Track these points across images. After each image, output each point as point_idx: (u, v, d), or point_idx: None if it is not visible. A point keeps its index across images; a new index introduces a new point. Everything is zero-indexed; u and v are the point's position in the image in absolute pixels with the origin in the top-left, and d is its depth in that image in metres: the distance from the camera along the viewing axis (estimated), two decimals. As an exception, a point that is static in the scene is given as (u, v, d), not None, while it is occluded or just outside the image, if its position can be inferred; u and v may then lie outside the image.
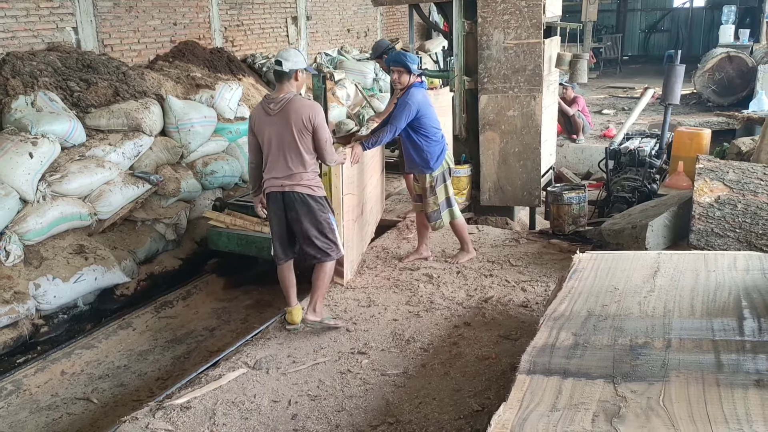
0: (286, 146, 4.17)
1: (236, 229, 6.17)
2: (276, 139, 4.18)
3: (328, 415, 3.47)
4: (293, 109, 4.14)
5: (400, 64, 5.10)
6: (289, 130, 4.14)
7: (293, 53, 4.24)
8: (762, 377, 2.56)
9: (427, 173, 5.24)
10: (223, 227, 6.25)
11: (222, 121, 7.85)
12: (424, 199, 5.35)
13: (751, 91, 10.74)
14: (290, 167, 4.20)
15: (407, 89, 5.10)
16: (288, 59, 4.18)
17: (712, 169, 4.87)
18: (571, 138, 10.40)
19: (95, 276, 5.65)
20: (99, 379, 5.02)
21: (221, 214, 6.34)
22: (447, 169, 5.34)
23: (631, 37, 22.01)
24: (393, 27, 15.44)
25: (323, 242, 4.32)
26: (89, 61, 7.12)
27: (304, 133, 4.17)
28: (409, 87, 5.11)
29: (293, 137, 4.15)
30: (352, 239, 5.25)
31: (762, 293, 3.29)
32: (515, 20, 6.36)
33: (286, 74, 4.21)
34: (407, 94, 5.07)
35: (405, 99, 5.05)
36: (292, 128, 4.13)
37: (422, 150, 5.16)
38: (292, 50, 4.30)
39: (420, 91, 5.11)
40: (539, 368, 2.81)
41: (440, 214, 5.34)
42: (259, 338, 4.42)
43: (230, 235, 6.16)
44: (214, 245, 6.33)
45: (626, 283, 3.61)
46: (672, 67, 7.57)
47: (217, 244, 6.29)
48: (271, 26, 11.13)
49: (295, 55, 4.24)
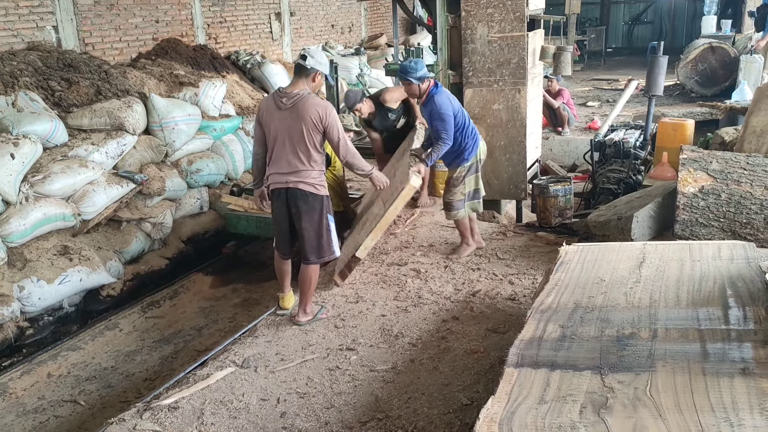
0: (295, 142, 4.17)
1: (254, 212, 6.37)
2: (284, 133, 4.18)
3: (317, 412, 3.46)
4: (305, 107, 4.13)
5: (402, 78, 5.05)
6: (298, 127, 4.13)
7: (320, 54, 4.26)
8: (747, 365, 2.58)
9: (460, 165, 5.21)
10: (241, 211, 6.54)
11: (206, 119, 7.80)
12: (450, 188, 5.31)
13: (734, 82, 10.80)
14: (296, 163, 4.19)
15: (428, 97, 5.04)
16: (313, 57, 4.20)
17: (696, 160, 4.90)
18: (556, 131, 10.44)
19: (80, 277, 5.60)
20: (86, 380, 4.98)
21: (239, 199, 6.70)
22: (478, 161, 5.31)
23: (615, 29, 22.08)
24: (377, 22, 15.40)
25: (319, 243, 4.33)
26: (70, 60, 7.04)
27: (313, 132, 4.16)
28: (429, 94, 5.03)
29: (302, 134, 4.14)
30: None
31: (746, 282, 3.31)
32: (499, 13, 6.35)
33: (306, 71, 4.21)
34: (433, 103, 4.99)
35: (436, 110, 4.96)
36: (302, 125, 4.12)
37: (459, 144, 5.13)
38: (320, 51, 4.32)
39: (442, 95, 5.03)
40: (527, 361, 2.82)
41: (463, 204, 5.31)
42: (247, 336, 4.41)
43: (249, 218, 6.46)
44: (233, 228, 6.68)
45: (612, 274, 3.63)
46: (655, 59, 7.62)
47: (237, 227, 6.64)
48: (255, 23, 11.06)
49: (321, 57, 4.26)
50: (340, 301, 4.80)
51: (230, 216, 6.67)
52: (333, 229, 4.41)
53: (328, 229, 4.35)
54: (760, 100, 5.63)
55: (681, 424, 2.25)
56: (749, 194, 4.70)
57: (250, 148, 8.33)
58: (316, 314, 4.53)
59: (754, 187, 4.69)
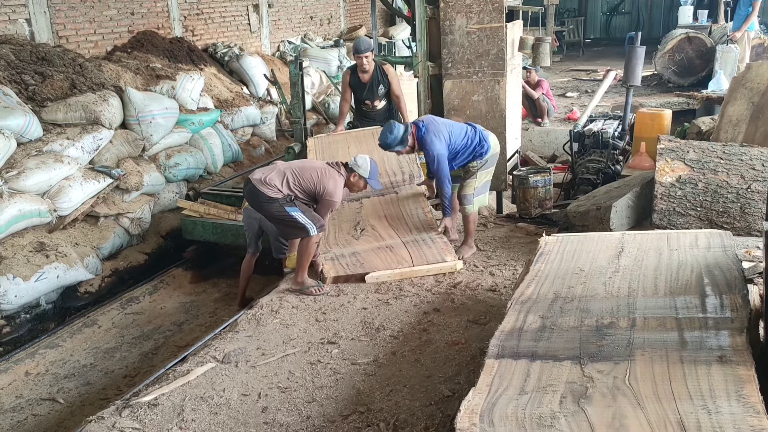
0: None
1: (211, 217, 6.17)
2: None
3: (299, 406, 3.45)
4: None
5: (391, 150, 5.06)
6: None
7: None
8: (724, 353, 2.61)
9: (475, 160, 5.15)
10: (197, 216, 6.30)
11: (184, 112, 7.73)
12: (463, 181, 5.25)
13: (711, 71, 10.92)
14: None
15: (419, 142, 5.00)
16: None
17: (673, 149, 4.94)
18: (536, 121, 10.47)
19: (57, 274, 5.52)
20: (64, 378, 4.92)
21: (195, 204, 6.45)
22: (493, 155, 5.26)
23: (593, 19, 22.19)
24: (356, 13, 15.32)
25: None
26: (44, 53, 6.91)
27: None
28: (418, 139, 4.99)
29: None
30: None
31: (723, 270, 3.35)
32: (477, 5, 6.34)
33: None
34: (424, 145, 4.98)
35: (428, 152, 4.99)
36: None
37: (470, 154, 5.13)
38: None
39: (428, 136, 4.97)
40: (507, 352, 2.83)
41: (473, 199, 5.26)
42: (228, 332, 4.37)
43: (205, 224, 6.24)
44: (189, 235, 6.39)
45: (591, 264, 3.65)
46: (633, 49, 7.66)
47: (192, 234, 6.36)
48: (232, 15, 10.95)
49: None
50: (321, 295, 4.78)
51: (186, 222, 6.37)
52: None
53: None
54: (736, 90, 5.68)
55: (659, 412, 2.27)
56: (726, 183, 4.75)
57: (229, 142, 8.28)
58: (305, 286, 4.77)
59: (731, 176, 4.75)
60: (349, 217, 5.56)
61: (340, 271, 4.95)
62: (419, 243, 5.18)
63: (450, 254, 5.04)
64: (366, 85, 6.30)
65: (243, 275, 5.51)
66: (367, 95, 6.37)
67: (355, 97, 6.47)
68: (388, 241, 5.27)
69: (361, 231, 5.41)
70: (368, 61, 6.12)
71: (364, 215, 5.56)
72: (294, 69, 6.24)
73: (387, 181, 5.76)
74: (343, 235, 5.40)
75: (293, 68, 6.28)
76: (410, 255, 5.06)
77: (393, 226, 5.42)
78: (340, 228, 5.47)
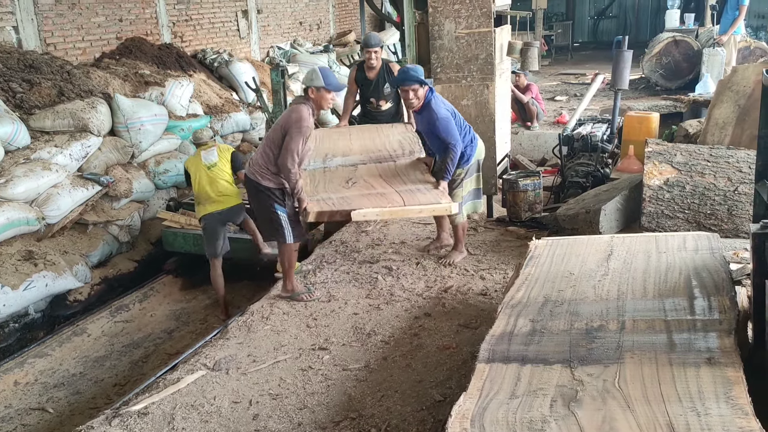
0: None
1: (192, 228, 6.07)
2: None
3: (290, 413, 3.44)
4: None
5: (413, 82, 4.78)
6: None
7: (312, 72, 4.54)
8: (713, 355, 2.62)
9: (460, 167, 5.00)
10: (178, 227, 6.15)
11: (174, 119, 7.70)
12: (450, 191, 5.01)
13: (697, 74, 10.99)
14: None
15: (424, 104, 4.84)
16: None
17: (661, 152, 4.97)
18: (525, 125, 10.50)
19: (46, 282, 5.48)
20: (54, 388, 4.88)
21: (176, 215, 6.26)
22: (478, 161, 5.18)
23: (581, 23, 22.30)
24: (345, 19, 15.34)
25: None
26: (31, 60, 6.87)
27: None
28: (426, 100, 4.83)
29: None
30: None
31: (711, 272, 3.37)
32: (466, 9, 6.36)
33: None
34: (430, 110, 4.80)
35: (434, 117, 4.78)
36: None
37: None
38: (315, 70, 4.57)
39: (437, 99, 4.87)
40: (498, 356, 2.83)
41: (461, 207, 5.11)
42: (219, 339, 4.36)
43: (186, 236, 6.11)
44: (169, 246, 6.26)
45: (581, 267, 3.66)
46: (620, 53, 7.71)
47: (173, 245, 6.23)
48: (221, 20, 10.94)
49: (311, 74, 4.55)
50: (313, 301, 4.77)
51: (166, 233, 6.26)
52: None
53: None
54: (723, 93, 5.73)
55: (649, 414, 2.28)
56: (713, 185, 4.79)
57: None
58: (295, 293, 4.76)
59: (718, 179, 4.78)
60: (341, 176, 5.14)
61: (324, 208, 4.53)
62: (413, 191, 4.75)
63: (445, 198, 4.68)
64: (372, 82, 6.27)
65: (216, 284, 5.56)
66: (373, 93, 6.32)
67: (361, 94, 6.41)
68: (380, 189, 4.84)
69: (352, 184, 4.97)
70: (377, 57, 6.07)
71: (358, 175, 5.14)
72: (276, 77, 6.20)
73: (386, 155, 5.44)
74: (333, 186, 4.95)
75: (275, 76, 6.23)
76: (402, 199, 4.61)
77: (387, 181, 4.99)
78: (331, 181, 5.04)
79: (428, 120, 4.88)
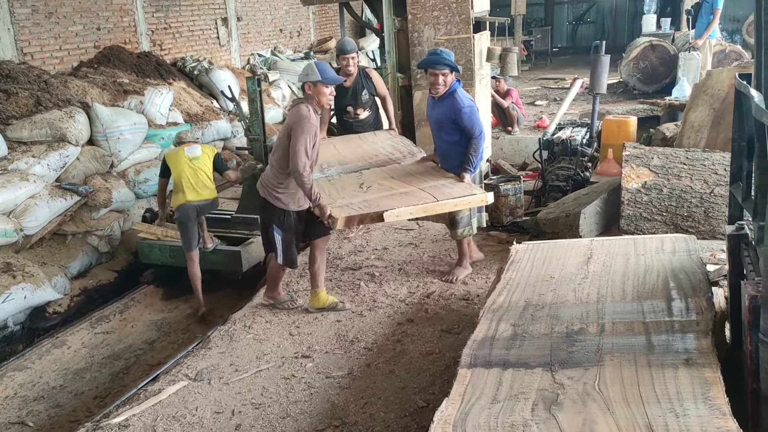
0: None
1: (169, 240, 6.01)
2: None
3: (273, 422, 3.42)
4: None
5: (445, 66, 4.52)
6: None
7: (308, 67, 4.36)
8: (691, 356, 2.66)
9: (468, 174, 4.66)
10: (154, 239, 6.09)
11: (153, 128, 7.65)
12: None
13: (674, 78, 11.13)
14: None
15: (447, 92, 4.61)
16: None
17: (638, 156, 5.03)
18: (506, 130, 10.56)
19: (25, 294, 5.41)
20: (34, 401, 4.81)
21: (152, 226, 6.19)
22: (480, 171, 4.98)
23: (560, 29, 22.50)
24: (326, 25, 15.36)
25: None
26: (8, 70, 6.81)
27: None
28: (450, 89, 4.60)
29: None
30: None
31: (688, 274, 3.41)
32: (444, 16, 6.41)
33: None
34: (454, 99, 4.58)
35: (464, 103, 4.55)
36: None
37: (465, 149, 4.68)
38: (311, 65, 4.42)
39: (461, 90, 4.65)
40: (480, 361, 2.85)
41: (470, 220, 4.96)
42: (200, 348, 4.33)
43: (162, 248, 6.03)
44: (145, 258, 6.19)
45: (561, 271, 3.69)
46: (598, 58, 7.79)
47: (149, 257, 6.15)
48: (201, 28, 10.90)
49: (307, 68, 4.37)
50: (295, 308, 4.76)
51: (142, 245, 6.14)
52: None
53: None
54: (698, 96, 5.81)
55: (628, 416, 2.30)
56: (689, 188, 4.85)
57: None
58: (278, 301, 4.79)
59: (694, 181, 4.85)
60: (351, 182, 4.91)
61: (352, 213, 4.21)
62: (438, 187, 4.51)
63: (477, 189, 4.52)
64: (348, 90, 5.86)
65: (193, 279, 5.62)
66: (350, 101, 5.94)
67: (337, 103, 5.77)
68: (401, 189, 4.59)
69: (367, 188, 4.71)
70: (354, 63, 5.75)
71: (366, 179, 4.90)
72: (252, 85, 6.09)
73: (386, 158, 5.31)
74: (348, 192, 4.67)
75: (251, 84, 6.11)
76: (431, 195, 4.36)
77: (404, 180, 4.76)
78: (344, 188, 4.77)
79: (450, 108, 4.60)
